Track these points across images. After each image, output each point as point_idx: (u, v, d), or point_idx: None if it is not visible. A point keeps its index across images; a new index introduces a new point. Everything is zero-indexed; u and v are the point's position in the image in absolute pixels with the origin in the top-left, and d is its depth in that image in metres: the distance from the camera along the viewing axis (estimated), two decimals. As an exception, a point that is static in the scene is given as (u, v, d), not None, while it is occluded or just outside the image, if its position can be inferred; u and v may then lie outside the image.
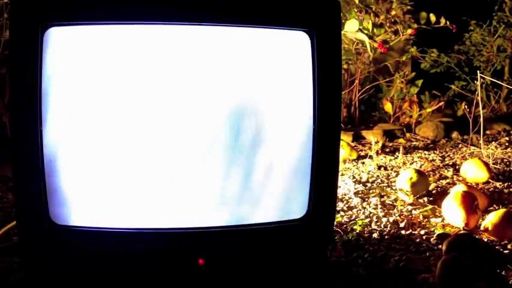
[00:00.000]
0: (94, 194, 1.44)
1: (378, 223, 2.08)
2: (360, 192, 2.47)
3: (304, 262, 1.55)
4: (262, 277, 1.52)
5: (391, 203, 2.32)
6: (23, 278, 1.54)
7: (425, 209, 2.22)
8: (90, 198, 1.44)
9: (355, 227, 2.03)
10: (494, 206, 2.24)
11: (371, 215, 2.17)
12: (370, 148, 3.17)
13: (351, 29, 2.76)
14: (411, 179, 2.36)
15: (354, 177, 2.68)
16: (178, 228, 1.50)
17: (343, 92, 3.70)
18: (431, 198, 2.35)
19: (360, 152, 3.20)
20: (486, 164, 2.63)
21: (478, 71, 3.13)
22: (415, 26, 3.54)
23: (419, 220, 2.13)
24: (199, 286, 1.50)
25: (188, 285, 1.50)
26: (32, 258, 1.47)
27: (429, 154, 3.19)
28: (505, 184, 2.54)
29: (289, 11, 1.45)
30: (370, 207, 2.26)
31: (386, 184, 2.58)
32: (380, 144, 3.18)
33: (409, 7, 3.58)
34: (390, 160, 3.03)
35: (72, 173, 1.43)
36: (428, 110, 3.85)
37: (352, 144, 3.36)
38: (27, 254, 1.47)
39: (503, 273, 1.63)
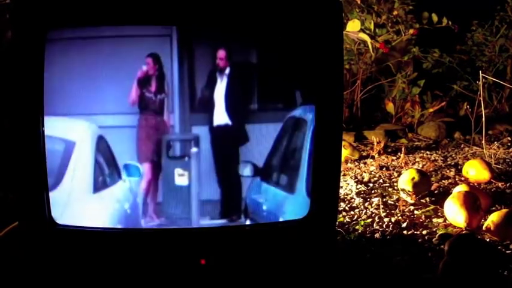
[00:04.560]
0: (94, 194, 1.45)
1: (380, 223, 2.08)
2: (362, 192, 2.46)
3: (306, 262, 1.55)
4: (265, 277, 1.52)
5: (393, 203, 2.32)
6: (24, 277, 1.54)
7: (427, 209, 2.22)
8: (91, 199, 1.45)
9: (357, 227, 2.03)
10: (497, 206, 2.24)
11: (373, 215, 2.17)
12: (372, 148, 3.17)
13: (352, 29, 2.75)
14: (413, 179, 2.35)
15: (355, 178, 2.68)
16: (179, 228, 1.51)
17: (345, 92, 3.70)
18: (433, 199, 2.35)
19: (362, 152, 3.20)
20: (488, 164, 2.62)
21: (480, 71, 3.13)
22: (417, 26, 3.53)
23: (421, 220, 2.13)
24: (202, 285, 1.50)
25: (191, 284, 1.50)
26: (33, 258, 1.47)
27: (431, 154, 3.18)
28: (507, 184, 2.54)
29: (290, 13, 1.45)
30: (372, 207, 2.26)
31: (388, 184, 2.58)
32: (382, 145, 3.17)
33: (411, 7, 3.58)
34: (392, 160, 3.03)
35: (73, 173, 1.43)
36: (430, 110, 3.85)
37: (354, 144, 3.36)
38: (28, 254, 1.47)
39: (505, 273, 1.63)
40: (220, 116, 1.49)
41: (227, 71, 1.47)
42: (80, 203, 1.44)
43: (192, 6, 1.41)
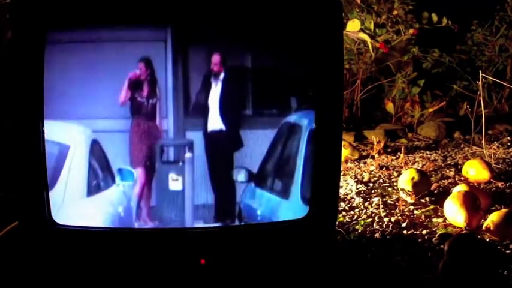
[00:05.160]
0: (88, 198, 1.45)
1: (380, 223, 2.08)
2: (362, 192, 2.46)
3: (306, 261, 1.55)
4: (264, 276, 1.52)
5: (392, 203, 2.32)
6: (24, 277, 1.54)
7: (427, 209, 2.22)
8: (85, 203, 1.45)
9: (357, 227, 2.03)
10: (496, 205, 2.24)
11: (373, 215, 2.17)
12: (372, 148, 3.17)
13: (352, 28, 2.75)
14: (413, 179, 2.35)
15: (355, 177, 2.68)
16: (179, 228, 1.51)
17: (345, 92, 3.70)
18: (433, 198, 2.35)
19: (362, 152, 3.20)
20: (488, 164, 2.62)
21: (480, 71, 3.13)
22: (417, 25, 3.53)
23: (421, 220, 2.13)
24: (201, 285, 1.50)
25: (190, 284, 1.50)
26: (33, 258, 1.47)
27: (431, 154, 3.18)
28: (507, 184, 2.54)
29: (289, 14, 1.45)
30: (372, 207, 2.26)
31: (388, 184, 2.58)
32: (382, 144, 3.17)
33: (411, 7, 3.58)
34: (392, 160, 3.03)
35: (67, 177, 1.43)
36: (430, 109, 3.85)
37: (354, 144, 3.36)
38: (28, 253, 1.47)
39: (505, 273, 1.63)
40: (215, 121, 1.49)
41: (222, 76, 1.47)
42: (74, 207, 1.44)
43: (188, 9, 1.41)
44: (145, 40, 1.43)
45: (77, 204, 1.44)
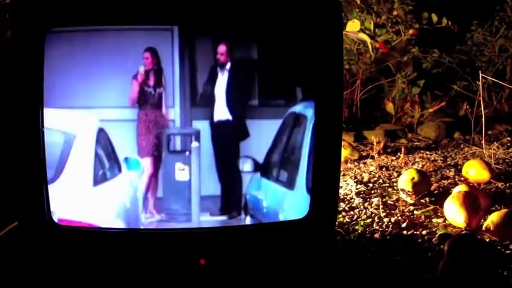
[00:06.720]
0: (95, 188, 1.45)
1: (380, 223, 2.08)
2: (362, 192, 2.46)
3: (306, 262, 1.55)
4: (264, 276, 1.52)
5: (392, 203, 2.32)
6: (24, 277, 1.54)
7: (427, 209, 2.22)
8: (91, 192, 1.45)
9: (356, 227, 2.03)
10: (496, 206, 2.24)
11: (373, 215, 2.17)
12: (371, 148, 3.17)
13: (352, 29, 2.75)
14: (413, 179, 2.35)
15: (355, 178, 2.68)
16: (180, 228, 1.51)
17: (344, 92, 3.70)
18: (433, 199, 2.35)
19: (362, 152, 3.20)
20: (488, 164, 2.62)
21: (479, 71, 3.13)
22: (417, 26, 3.53)
23: (421, 220, 2.13)
24: (201, 285, 1.50)
25: (190, 284, 1.50)
26: (33, 258, 1.47)
27: (431, 154, 3.18)
28: (507, 184, 2.54)
29: (291, 12, 1.45)
30: (371, 207, 2.26)
31: (388, 184, 2.58)
32: (382, 145, 3.17)
33: (410, 7, 3.58)
34: (392, 160, 3.03)
35: (73, 166, 1.43)
36: (430, 110, 3.85)
37: (354, 144, 3.36)
38: (28, 253, 1.47)
39: (504, 273, 1.63)
40: (221, 111, 1.49)
41: (228, 66, 1.47)
42: (80, 195, 1.44)
43: (194, 2, 1.41)
44: (152, 29, 1.43)
45: (82, 193, 1.44)
